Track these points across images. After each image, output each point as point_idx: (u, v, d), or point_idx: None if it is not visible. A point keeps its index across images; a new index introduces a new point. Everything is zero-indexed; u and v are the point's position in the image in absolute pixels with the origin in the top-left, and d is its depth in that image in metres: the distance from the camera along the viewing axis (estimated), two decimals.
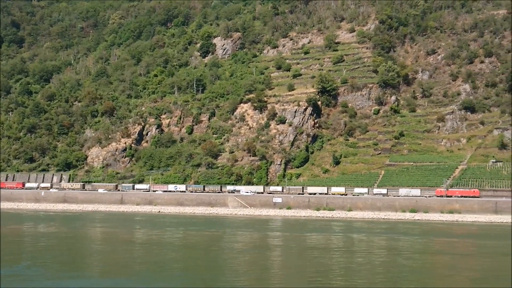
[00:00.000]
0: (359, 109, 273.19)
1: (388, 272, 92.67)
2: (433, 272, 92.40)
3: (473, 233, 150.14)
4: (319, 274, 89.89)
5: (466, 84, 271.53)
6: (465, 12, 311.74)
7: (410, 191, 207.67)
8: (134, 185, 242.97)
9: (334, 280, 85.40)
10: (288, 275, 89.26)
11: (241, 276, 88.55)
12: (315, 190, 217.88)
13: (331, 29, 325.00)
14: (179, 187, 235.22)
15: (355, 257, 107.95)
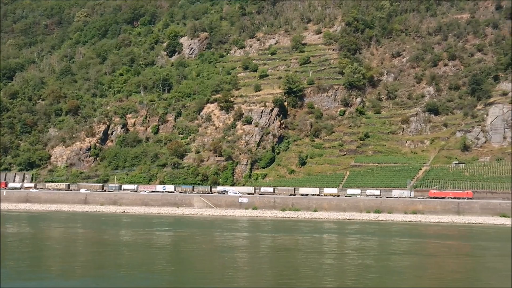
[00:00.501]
0: (325, 110, 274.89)
1: (355, 273, 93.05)
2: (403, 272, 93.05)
3: (439, 233, 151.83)
4: (285, 275, 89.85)
5: (430, 86, 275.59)
6: (430, 16, 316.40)
7: (403, 193, 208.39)
8: (121, 185, 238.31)
9: (303, 280, 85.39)
10: (253, 276, 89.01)
11: (206, 277, 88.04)
12: (307, 191, 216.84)
13: (298, 30, 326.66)
14: (167, 187, 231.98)
15: (323, 257, 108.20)
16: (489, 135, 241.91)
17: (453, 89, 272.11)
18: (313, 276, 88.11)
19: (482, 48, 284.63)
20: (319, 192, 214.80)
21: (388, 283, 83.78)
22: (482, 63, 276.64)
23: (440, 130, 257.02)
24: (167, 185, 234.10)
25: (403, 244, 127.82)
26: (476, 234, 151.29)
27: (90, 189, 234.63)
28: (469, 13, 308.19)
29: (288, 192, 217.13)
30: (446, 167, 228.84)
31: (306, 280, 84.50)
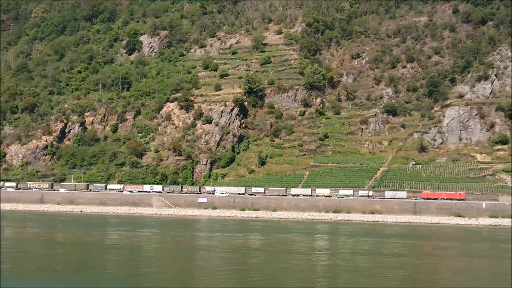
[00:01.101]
0: (285, 110, 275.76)
1: (314, 272, 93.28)
2: (368, 272, 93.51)
3: (400, 233, 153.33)
4: (245, 274, 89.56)
5: (388, 88, 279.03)
6: (389, 18, 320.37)
7: (396, 193, 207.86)
8: (107, 185, 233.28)
9: (261, 280, 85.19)
10: (211, 276, 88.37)
11: (165, 277, 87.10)
12: (298, 192, 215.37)
13: (258, 30, 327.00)
14: (155, 187, 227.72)
15: (285, 257, 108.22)
16: (445, 137, 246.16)
17: (411, 90, 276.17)
18: (273, 276, 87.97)
19: (440, 51, 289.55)
20: (311, 192, 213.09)
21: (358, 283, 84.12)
22: (439, 66, 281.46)
23: (398, 131, 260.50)
24: (154, 185, 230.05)
25: (365, 244, 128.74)
26: (436, 234, 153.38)
27: (73, 189, 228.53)
28: (427, 16, 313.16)
29: (279, 192, 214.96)
30: (404, 167, 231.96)
31: (266, 280, 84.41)
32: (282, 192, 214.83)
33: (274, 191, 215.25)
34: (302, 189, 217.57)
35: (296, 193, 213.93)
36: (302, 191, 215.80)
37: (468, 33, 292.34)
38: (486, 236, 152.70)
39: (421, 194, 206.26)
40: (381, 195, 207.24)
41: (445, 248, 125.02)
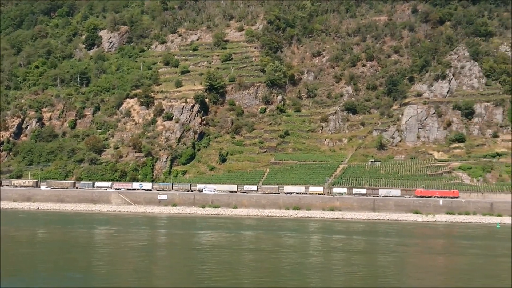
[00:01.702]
0: (246, 107, 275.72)
1: (277, 270, 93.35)
2: (334, 269, 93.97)
3: (363, 230, 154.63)
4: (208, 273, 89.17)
5: (348, 86, 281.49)
6: (349, 17, 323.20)
7: (390, 191, 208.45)
8: (95, 182, 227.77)
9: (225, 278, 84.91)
10: (171, 275, 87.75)
11: (121, 275, 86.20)
12: (292, 189, 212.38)
13: (220, 27, 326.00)
14: (144, 185, 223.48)
15: (247, 254, 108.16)
16: (404, 135, 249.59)
17: (371, 89, 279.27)
18: (231, 273, 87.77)
19: (399, 50, 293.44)
20: (304, 190, 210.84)
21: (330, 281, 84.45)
22: (398, 65, 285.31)
23: (357, 129, 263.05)
24: (144, 182, 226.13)
25: (333, 241, 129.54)
26: (397, 231, 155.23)
27: (60, 186, 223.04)
28: (387, 15, 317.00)
29: (272, 190, 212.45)
30: (363, 165, 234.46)
31: (227, 278, 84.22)
32: (275, 190, 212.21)
33: (267, 189, 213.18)
34: (295, 187, 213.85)
35: (289, 191, 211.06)
36: (295, 189, 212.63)
37: (427, 32, 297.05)
38: (446, 232, 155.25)
39: (415, 192, 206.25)
40: (375, 193, 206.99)
41: (408, 245, 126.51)
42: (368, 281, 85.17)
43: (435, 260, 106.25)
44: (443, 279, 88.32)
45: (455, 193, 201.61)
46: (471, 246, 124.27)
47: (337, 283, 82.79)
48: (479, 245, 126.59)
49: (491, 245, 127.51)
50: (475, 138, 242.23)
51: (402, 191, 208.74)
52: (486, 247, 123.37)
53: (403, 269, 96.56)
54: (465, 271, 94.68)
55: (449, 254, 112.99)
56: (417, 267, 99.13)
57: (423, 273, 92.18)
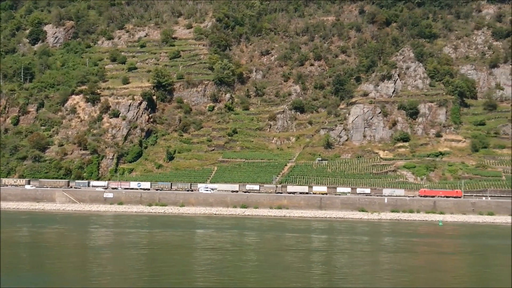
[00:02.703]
0: (194, 105, 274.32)
1: (228, 269, 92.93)
2: (290, 267, 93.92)
3: (314, 228, 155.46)
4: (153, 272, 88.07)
5: (296, 85, 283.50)
6: (298, 16, 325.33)
7: (394, 191, 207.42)
8: (90, 181, 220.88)
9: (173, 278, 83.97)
10: (113, 275, 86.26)
11: (65, 275, 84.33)
12: (295, 189, 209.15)
13: (168, 24, 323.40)
14: (142, 184, 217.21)
15: (193, 253, 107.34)
16: (350, 134, 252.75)
17: (318, 88, 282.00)
18: (181, 273, 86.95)
19: (346, 50, 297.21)
20: (307, 190, 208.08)
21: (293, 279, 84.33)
22: (346, 65, 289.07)
23: (305, 127, 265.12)
24: (142, 182, 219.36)
25: (286, 239, 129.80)
26: (346, 228, 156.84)
27: (53, 185, 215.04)
28: (335, 15, 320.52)
29: (274, 190, 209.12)
30: (310, 163, 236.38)
31: (175, 277, 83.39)
32: (278, 189, 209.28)
33: (269, 188, 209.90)
34: (299, 187, 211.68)
35: (293, 191, 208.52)
36: (299, 188, 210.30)
37: (373, 33, 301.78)
38: (396, 230, 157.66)
39: (419, 191, 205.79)
40: (379, 193, 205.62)
41: (359, 242, 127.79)
42: (326, 279, 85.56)
43: (393, 257, 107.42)
44: (403, 276, 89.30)
45: (458, 193, 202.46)
46: (426, 244, 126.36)
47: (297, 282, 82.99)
48: (431, 242, 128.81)
49: (440, 242, 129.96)
50: (419, 138, 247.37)
51: (407, 191, 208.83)
52: (436, 245, 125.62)
53: (364, 268, 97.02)
54: (421, 268, 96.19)
55: (403, 252, 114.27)
56: (376, 265, 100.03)
57: (380, 271, 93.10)
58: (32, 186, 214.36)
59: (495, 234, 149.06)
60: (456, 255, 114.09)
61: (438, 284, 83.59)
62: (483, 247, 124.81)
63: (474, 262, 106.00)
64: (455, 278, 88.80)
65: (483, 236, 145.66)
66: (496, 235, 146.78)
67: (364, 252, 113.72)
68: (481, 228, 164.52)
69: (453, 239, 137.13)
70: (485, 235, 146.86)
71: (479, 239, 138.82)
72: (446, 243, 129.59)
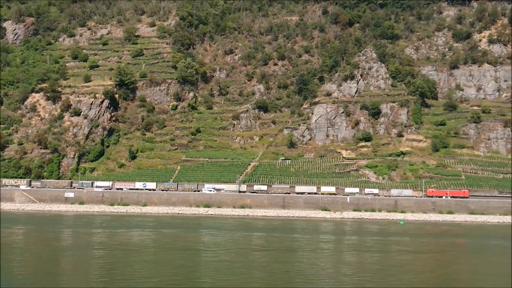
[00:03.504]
0: (157, 104, 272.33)
1: (184, 268, 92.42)
2: (257, 267, 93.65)
3: (274, 228, 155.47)
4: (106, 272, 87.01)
5: (260, 84, 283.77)
6: (262, 16, 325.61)
7: (402, 191, 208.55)
8: (94, 182, 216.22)
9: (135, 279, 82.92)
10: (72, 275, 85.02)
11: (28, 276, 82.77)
12: (304, 190, 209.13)
13: (131, 21, 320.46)
14: (148, 184, 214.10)
15: (146, 253, 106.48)
16: (313, 133, 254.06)
17: (282, 87, 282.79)
18: (134, 274, 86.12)
19: (309, 50, 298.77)
20: (316, 190, 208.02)
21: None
22: (309, 64, 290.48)
23: (268, 127, 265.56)
24: (148, 182, 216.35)
25: (252, 239, 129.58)
26: (313, 227, 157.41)
27: (56, 186, 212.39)
28: (298, 15, 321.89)
29: (283, 190, 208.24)
30: (274, 163, 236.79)
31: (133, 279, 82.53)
32: (286, 190, 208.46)
33: (277, 189, 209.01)
34: (307, 187, 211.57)
35: (300, 191, 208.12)
36: (307, 189, 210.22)
37: (336, 34, 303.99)
38: (363, 229, 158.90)
39: (427, 191, 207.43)
40: (388, 193, 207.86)
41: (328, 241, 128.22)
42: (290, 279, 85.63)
43: (362, 257, 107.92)
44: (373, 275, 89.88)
45: (465, 193, 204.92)
46: (392, 243, 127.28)
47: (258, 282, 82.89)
48: (399, 241, 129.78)
49: (403, 241, 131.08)
50: (381, 137, 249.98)
51: (415, 191, 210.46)
52: (401, 243, 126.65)
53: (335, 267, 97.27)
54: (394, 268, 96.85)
55: (370, 251, 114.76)
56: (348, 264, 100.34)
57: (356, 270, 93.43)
58: (25, 186, 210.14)
59: (460, 233, 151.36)
60: (426, 254, 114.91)
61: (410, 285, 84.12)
62: (452, 246, 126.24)
63: (448, 261, 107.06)
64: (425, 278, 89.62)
65: (447, 235, 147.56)
66: (463, 234, 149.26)
67: (331, 251, 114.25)
68: (443, 226, 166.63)
69: (418, 238, 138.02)
70: (449, 234, 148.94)
71: (445, 238, 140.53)
72: (412, 242, 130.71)
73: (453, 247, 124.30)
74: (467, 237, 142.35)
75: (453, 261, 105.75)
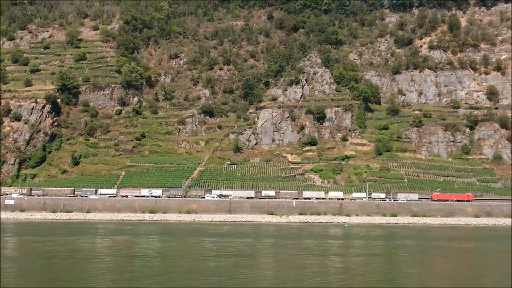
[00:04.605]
0: (101, 109, 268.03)
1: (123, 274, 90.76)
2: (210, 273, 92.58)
3: (236, 232, 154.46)
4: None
5: (206, 89, 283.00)
6: (207, 20, 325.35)
7: (408, 195, 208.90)
8: (98, 189, 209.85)
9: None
10: None
11: None
12: (312, 195, 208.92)
13: (74, 25, 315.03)
14: (154, 191, 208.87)
15: (94, 261, 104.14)
16: (259, 138, 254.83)
17: (228, 92, 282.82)
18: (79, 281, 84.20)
19: (255, 55, 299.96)
20: (323, 196, 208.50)
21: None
22: (254, 69, 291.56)
23: (214, 131, 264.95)
24: (154, 189, 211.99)
25: (207, 244, 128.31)
26: (257, 232, 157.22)
27: (58, 194, 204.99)
28: (244, 20, 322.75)
29: (291, 196, 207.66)
30: (220, 167, 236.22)
31: None
32: (294, 195, 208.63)
33: (286, 195, 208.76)
34: (315, 193, 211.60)
35: (308, 197, 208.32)
36: (315, 194, 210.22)
37: (282, 39, 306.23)
38: (317, 232, 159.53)
39: (432, 195, 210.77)
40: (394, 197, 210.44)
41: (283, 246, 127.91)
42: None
43: (324, 260, 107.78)
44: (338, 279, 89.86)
45: (469, 197, 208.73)
46: (347, 246, 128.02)
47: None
48: (351, 244, 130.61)
49: (355, 244, 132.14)
50: (326, 142, 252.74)
51: (421, 194, 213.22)
52: (355, 246, 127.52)
53: (298, 272, 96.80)
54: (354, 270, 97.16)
55: (325, 255, 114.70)
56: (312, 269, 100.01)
57: (318, 274, 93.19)
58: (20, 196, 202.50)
59: (408, 235, 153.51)
60: (382, 256, 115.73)
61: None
62: (402, 247, 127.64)
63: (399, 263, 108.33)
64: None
65: (396, 237, 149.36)
66: (411, 236, 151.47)
67: (287, 255, 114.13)
68: (393, 229, 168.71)
69: (369, 241, 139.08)
70: (398, 236, 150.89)
71: (396, 240, 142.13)
72: (359, 244, 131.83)
73: (405, 249, 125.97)
74: (416, 239, 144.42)
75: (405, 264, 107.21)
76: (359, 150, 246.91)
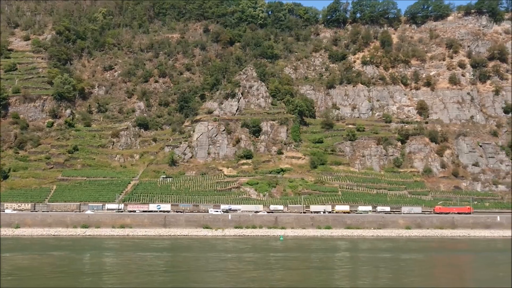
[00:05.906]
0: (32, 121, 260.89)
1: None
2: None
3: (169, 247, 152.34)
4: None
5: (141, 101, 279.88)
6: (142, 33, 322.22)
7: (412, 209, 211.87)
8: (105, 204, 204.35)
9: None
10: None
11: None
12: (318, 209, 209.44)
13: (4, 35, 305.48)
14: (163, 206, 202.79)
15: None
16: (195, 151, 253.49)
17: (163, 105, 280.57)
18: None
19: (191, 68, 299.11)
20: (331, 209, 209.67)
21: None
22: (190, 82, 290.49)
23: (149, 144, 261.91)
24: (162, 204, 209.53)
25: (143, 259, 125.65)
26: (199, 246, 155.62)
27: (64, 209, 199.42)
28: (180, 33, 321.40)
29: (299, 210, 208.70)
30: (155, 181, 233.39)
31: None
32: (300, 209, 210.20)
33: (294, 208, 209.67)
34: (321, 206, 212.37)
35: (316, 210, 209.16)
36: (321, 208, 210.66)
37: (218, 52, 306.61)
38: (254, 245, 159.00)
39: (434, 208, 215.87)
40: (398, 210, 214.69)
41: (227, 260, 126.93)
42: None
43: (269, 275, 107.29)
44: None
45: (469, 209, 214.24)
46: (291, 259, 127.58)
47: None
48: (295, 257, 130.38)
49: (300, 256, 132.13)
50: (262, 155, 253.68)
51: (424, 207, 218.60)
52: (300, 259, 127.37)
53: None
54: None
55: (272, 268, 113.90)
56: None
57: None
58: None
59: (349, 247, 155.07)
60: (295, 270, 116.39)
61: None
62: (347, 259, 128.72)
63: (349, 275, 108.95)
64: None
65: (335, 249, 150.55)
66: (352, 248, 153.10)
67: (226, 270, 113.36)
68: (331, 242, 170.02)
69: (308, 253, 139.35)
70: (335, 248, 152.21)
71: (335, 252, 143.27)
72: (288, 257, 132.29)
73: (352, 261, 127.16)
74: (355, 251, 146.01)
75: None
76: (294, 163, 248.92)
